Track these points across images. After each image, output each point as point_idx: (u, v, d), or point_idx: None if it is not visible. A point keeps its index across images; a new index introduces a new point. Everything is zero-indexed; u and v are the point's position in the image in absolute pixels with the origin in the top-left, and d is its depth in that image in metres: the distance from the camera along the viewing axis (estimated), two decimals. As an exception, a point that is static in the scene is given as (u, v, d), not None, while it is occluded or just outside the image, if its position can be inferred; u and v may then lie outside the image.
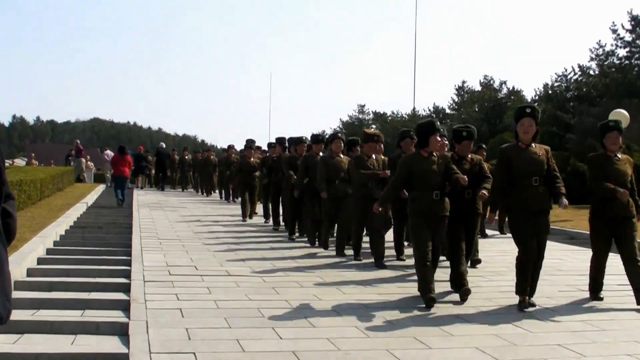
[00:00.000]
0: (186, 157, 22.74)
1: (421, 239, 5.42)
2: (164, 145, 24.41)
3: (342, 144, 8.51)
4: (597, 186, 5.56)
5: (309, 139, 10.04)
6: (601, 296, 5.68)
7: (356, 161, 7.64)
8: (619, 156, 5.75)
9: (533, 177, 5.27)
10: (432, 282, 5.40)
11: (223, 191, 18.31)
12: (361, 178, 7.45)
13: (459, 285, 5.68)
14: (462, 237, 5.90)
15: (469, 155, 6.20)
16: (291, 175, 9.61)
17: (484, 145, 10.47)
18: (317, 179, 8.46)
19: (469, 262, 6.59)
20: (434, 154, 5.62)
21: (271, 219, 11.45)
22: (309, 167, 8.85)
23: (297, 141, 10.11)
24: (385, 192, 6.14)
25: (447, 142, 6.76)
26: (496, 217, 8.43)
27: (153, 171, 23.14)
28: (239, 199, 13.57)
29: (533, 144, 5.41)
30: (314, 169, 8.61)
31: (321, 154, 9.13)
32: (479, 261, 7.52)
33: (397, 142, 8.40)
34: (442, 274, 6.21)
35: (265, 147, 15.17)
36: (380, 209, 6.11)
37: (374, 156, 7.65)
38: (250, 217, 12.45)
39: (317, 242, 8.83)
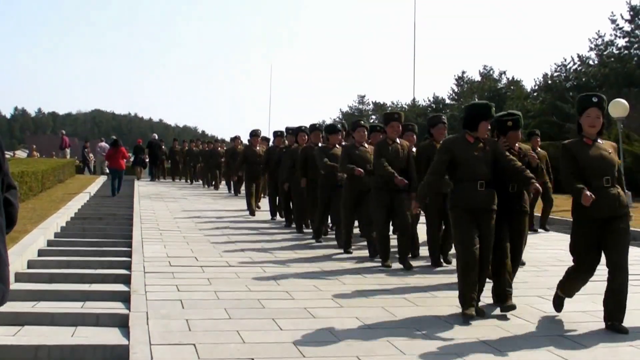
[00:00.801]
0: (176, 148, 22.79)
1: (466, 238, 4.64)
2: (157, 137, 24.81)
3: (366, 132, 7.66)
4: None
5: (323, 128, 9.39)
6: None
7: (379, 148, 6.83)
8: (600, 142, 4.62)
9: (604, 177, 4.41)
10: (476, 292, 4.64)
11: (231, 183, 17.50)
12: (380, 169, 6.70)
13: (502, 298, 4.85)
14: (507, 239, 5.00)
15: (517, 145, 5.36)
16: (330, 165, 8.22)
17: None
18: (319, 170, 8.22)
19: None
20: (481, 139, 4.92)
21: (277, 214, 11.02)
22: (329, 158, 8.10)
23: (312, 128, 9.36)
24: (423, 185, 5.17)
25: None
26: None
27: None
28: (244, 192, 12.86)
29: (599, 140, 4.56)
30: (334, 161, 7.94)
31: (320, 144, 8.90)
32: (523, 263, 6.42)
33: (427, 130, 7.74)
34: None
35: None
36: (418, 209, 5.38)
37: (398, 140, 6.88)
38: (255, 208, 12.00)
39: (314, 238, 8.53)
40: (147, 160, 23.10)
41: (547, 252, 7.94)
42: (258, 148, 12.00)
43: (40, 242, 7.51)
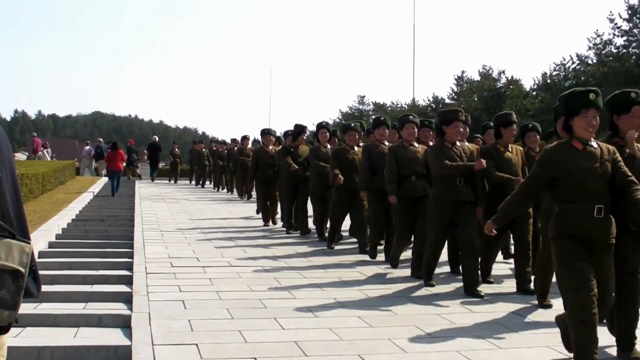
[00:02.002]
0: (176, 151, 23.20)
1: (579, 279, 3.41)
2: (157, 139, 25.08)
3: (417, 129, 6.62)
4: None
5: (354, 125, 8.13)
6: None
7: (436, 150, 5.68)
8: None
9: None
10: (596, 345, 3.38)
11: (240, 188, 15.72)
12: (445, 170, 5.51)
13: (626, 345, 3.74)
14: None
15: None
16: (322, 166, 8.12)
17: (479, 136, 9.11)
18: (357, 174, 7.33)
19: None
20: (594, 144, 3.66)
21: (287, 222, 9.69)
22: (372, 159, 6.97)
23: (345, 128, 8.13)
24: (508, 203, 3.96)
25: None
26: None
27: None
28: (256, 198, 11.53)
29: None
30: (378, 162, 6.86)
31: (361, 143, 8.12)
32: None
33: (482, 130, 7.24)
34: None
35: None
36: (494, 230, 4.03)
37: (457, 143, 5.66)
38: (274, 222, 10.36)
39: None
40: (147, 161, 23.60)
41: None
42: (271, 148, 10.62)
43: (42, 244, 7.52)
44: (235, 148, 16.09)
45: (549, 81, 32.89)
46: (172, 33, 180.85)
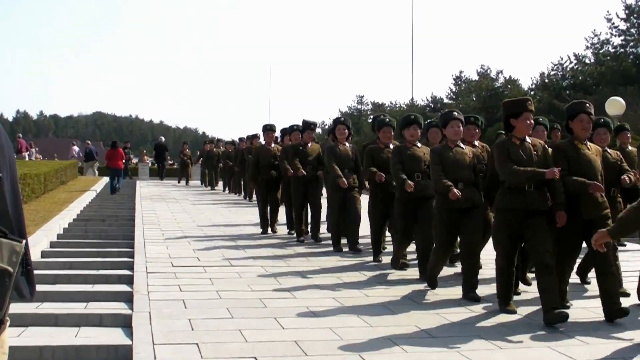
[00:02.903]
0: (187, 151, 22.68)
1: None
2: (163, 139, 25.60)
3: (347, 130, 7.58)
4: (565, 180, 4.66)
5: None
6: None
7: (506, 148, 4.75)
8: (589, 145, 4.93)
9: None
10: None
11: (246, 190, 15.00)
12: (514, 177, 4.62)
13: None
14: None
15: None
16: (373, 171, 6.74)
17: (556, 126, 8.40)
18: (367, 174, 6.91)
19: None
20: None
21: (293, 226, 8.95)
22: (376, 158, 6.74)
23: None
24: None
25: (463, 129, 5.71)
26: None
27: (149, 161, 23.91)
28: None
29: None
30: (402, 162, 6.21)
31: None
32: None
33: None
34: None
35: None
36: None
37: (528, 139, 4.81)
38: (273, 230, 9.29)
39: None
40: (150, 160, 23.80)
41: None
42: (273, 146, 9.67)
43: (44, 243, 7.54)
44: (244, 147, 15.14)
45: (546, 81, 33.01)
46: (173, 34, 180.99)
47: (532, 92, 34.24)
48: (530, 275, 5.58)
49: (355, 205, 7.39)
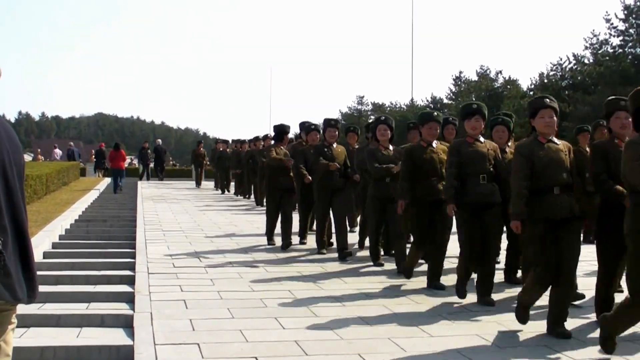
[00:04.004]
0: (201, 150, 21.43)
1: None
2: (160, 142, 25.29)
3: (337, 132, 7.49)
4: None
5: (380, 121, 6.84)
6: None
7: (521, 150, 4.36)
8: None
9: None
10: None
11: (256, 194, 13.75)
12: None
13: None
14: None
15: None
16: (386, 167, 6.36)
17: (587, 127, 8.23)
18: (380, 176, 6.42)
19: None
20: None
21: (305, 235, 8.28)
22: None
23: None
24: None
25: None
26: None
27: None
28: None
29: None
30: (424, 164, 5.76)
31: (356, 145, 7.92)
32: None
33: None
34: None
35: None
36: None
37: (558, 140, 4.37)
38: (285, 246, 7.79)
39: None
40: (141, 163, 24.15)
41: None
42: (283, 148, 8.44)
43: (46, 244, 7.58)
44: (249, 148, 14.59)
45: (545, 81, 33.13)
46: (174, 34, 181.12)
47: (531, 92, 34.33)
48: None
49: (397, 217, 6.17)
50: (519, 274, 5.82)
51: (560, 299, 4.16)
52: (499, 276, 5.74)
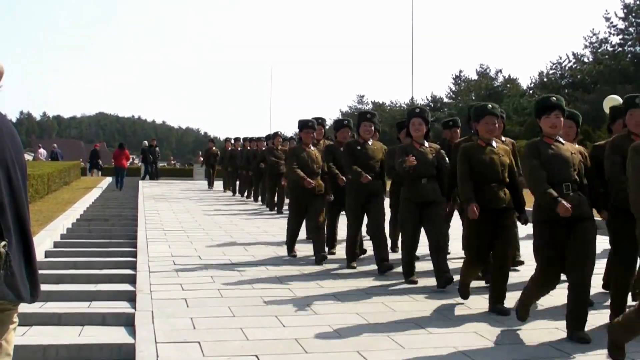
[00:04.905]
0: (213, 149, 20.11)
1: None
2: (147, 144, 25.04)
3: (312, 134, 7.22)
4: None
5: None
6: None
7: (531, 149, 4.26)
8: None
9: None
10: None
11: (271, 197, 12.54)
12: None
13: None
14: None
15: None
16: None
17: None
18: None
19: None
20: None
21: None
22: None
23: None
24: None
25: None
26: None
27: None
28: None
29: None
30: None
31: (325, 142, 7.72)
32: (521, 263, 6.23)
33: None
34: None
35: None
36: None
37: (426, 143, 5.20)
38: (321, 258, 6.75)
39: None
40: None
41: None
42: (312, 149, 7.26)
43: (47, 243, 7.61)
44: (263, 148, 13.55)
45: (545, 80, 33.21)
46: (175, 34, 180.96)
47: (531, 91, 34.35)
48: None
49: (438, 224, 5.64)
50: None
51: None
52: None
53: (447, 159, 5.85)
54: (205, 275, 6.09)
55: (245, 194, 15.67)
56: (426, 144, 5.79)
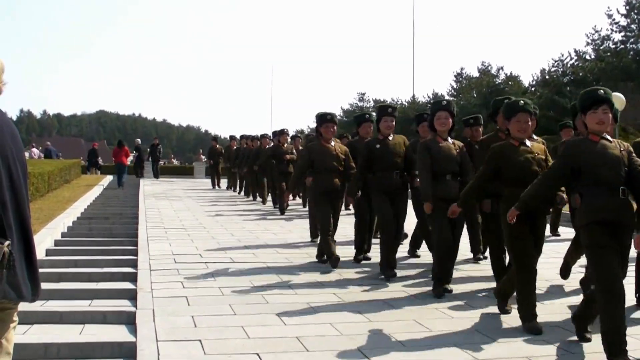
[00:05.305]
0: (217, 147, 19.31)
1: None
2: (140, 141, 25.36)
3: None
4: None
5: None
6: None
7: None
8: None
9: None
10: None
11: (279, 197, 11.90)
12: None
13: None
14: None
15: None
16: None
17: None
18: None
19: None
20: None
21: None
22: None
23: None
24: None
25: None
26: None
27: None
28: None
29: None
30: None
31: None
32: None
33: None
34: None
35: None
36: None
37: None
38: (357, 259, 6.73)
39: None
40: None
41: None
42: (334, 144, 6.88)
43: (48, 242, 7.61)
44: (267, 146, 12.94)
45: (547, 77, 33.18)
46: (176, 32, 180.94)
47: (532, 89, 34.33)
48: None
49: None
50: None
51: None
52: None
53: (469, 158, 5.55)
54: (206, 273, 6.09)
55: (250, 193, 14.97)
56: (449, 139, 5.46)
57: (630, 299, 4.35)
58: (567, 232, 8.30)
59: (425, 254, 7.14)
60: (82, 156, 32.13)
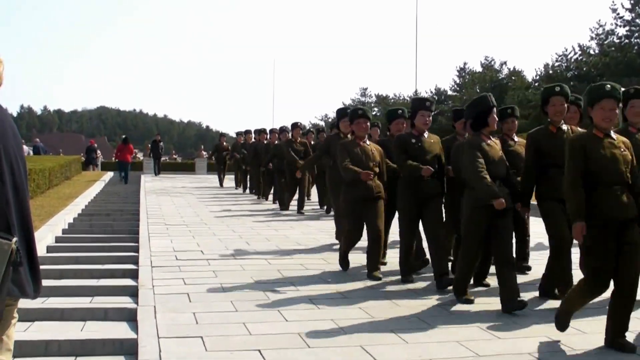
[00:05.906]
0: (224, 144, 18.46)
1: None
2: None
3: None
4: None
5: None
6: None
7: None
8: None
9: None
10: None
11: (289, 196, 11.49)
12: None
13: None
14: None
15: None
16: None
17: None
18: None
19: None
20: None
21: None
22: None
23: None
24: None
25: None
26: None
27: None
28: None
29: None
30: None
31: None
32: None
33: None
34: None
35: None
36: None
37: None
38: (375, 278, 5.73)
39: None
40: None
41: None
42: (368, 143, 6.12)
43: (49, 238, 7.60)
44: (276, 141, 12.47)
45: (551, 72, 33.07)
46: (177, 29, 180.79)
47: (536, 84, 34.22)
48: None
49: (508, 235, 4.90)
50: None
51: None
52: None
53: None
54: (207, 269, 6.08)
55: (254, 191, 14.53)
56: (496, 140, 4.97)
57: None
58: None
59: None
60: (83, 152, 32.13)
